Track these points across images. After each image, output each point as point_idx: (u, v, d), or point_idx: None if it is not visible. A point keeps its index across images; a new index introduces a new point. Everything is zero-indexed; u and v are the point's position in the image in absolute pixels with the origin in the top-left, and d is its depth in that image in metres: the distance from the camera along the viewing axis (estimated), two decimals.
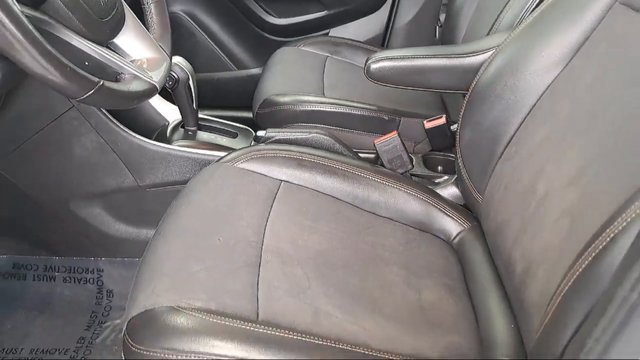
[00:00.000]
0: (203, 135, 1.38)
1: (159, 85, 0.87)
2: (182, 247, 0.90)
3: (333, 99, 1.49)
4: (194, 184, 1.07)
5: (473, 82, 1.08)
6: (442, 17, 1.91)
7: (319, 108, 1.45)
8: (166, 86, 1.30)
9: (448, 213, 1.12)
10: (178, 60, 1.33)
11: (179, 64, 1.31)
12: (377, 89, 1.56)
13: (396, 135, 1.21)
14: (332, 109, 1.45)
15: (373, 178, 1.14)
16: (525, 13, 1.24)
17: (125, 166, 1.30)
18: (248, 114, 1.65)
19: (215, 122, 1.46)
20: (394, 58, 1.24)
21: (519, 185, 0.92)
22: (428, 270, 1.01)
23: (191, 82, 1.31)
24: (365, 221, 1.09)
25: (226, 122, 1.48)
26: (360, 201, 1.12)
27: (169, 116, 1.45)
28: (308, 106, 1.45)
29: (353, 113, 1.45)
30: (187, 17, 2.13)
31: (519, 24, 1.14)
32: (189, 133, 1.39)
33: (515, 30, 1.07)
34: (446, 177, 1.31)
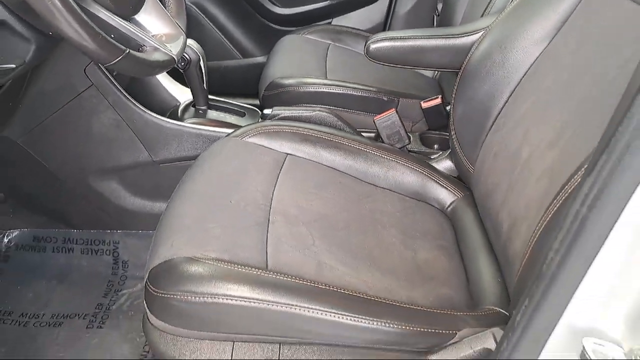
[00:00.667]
0: (213, 113, 1.46)
1: (177, 57, 0.96)
2: (198, 208, 0.97)
3: (335, 81, 1.57)
4: (206, 156, 1.15)
5: (465, 60, 1.16)
6: (440, 7, 1.99)
7: (322, 89, 1.53)
8: (178, 67, 1.38)
9: (442, 184, 1.20)
10: (190, 42, 1.41)
11: (191, 46, 1.39)
12: (377, 73, 1.65)
13: (394, 112, 1.28)
14: (334, 90, 1.53)
15: (373, 152, 1.22)
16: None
17: (140, 142, 1.38)
18: (254, 101, 1.73)
19: (224, 102, 1.54)
20: (392, 38, 1.33)
21: (507, 151, 1.01)
22: (423, 233, 1.09)
23: (202, 63, 1.40)
24: (365, 191, 1.16)
25: (234, 103, 1.56)
26: (360, 173, 1.20)
27: (180, 97, 1.53)
28: (311, 88, 1.53)
29: (354, 94, 1.53)
30: (196, 8, 2.21)
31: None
32: (200, 112, 1.47)
33: (503, 12, 1.15)
34: (441, 153, 1.39)
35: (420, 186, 1.21)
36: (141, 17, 0.97)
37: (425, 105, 1.44)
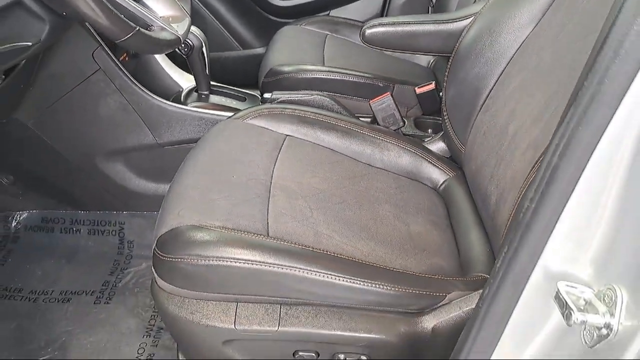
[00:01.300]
0: (215, 98, 1.52)
1: (183, 37, 1.01)
2: (202, 181, 1.03)
3: (333, 67, 1.63)
4: (209, 136, 1.20)
5: (457, 44, 1.21)
6: None
7: (320, 76, 1.58)
8: (182, 53, 1.43)
9: (435, 164, 1.25)
10: (193, 29, 1.46)
11: (194, 33, 1.45)
12: (373, 62, 1.70)
13: (389, 95, 1.34)
14: (332, 77, 1.58)
15: (368, 134, 1.27)
16: None
17: (145, 125, 1.43)
18: (254, 92, 1.78)
19: (225, 88, 1.59)
20: (387, 24, 1.38)
21: (495, 129, 1.06)
22: (416, 209, 1.14)
23: (204, 49, 1.45)
24: (360, 170, 1.21)
25: (235, 88, 1.61)
26: (356, 154, 1.25)
27: (183, 83, 1.59)
28: (309, 74, 1.58)
29: (350, 80, 1.58)
30: (198, 1, 2.26)
31: None
32: (202, 96, 1.52)
33: None
34: (434, 135, 1.44)
35: (413, 166, 1.26)
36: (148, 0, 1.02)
37: (419, 90, 1.49)
